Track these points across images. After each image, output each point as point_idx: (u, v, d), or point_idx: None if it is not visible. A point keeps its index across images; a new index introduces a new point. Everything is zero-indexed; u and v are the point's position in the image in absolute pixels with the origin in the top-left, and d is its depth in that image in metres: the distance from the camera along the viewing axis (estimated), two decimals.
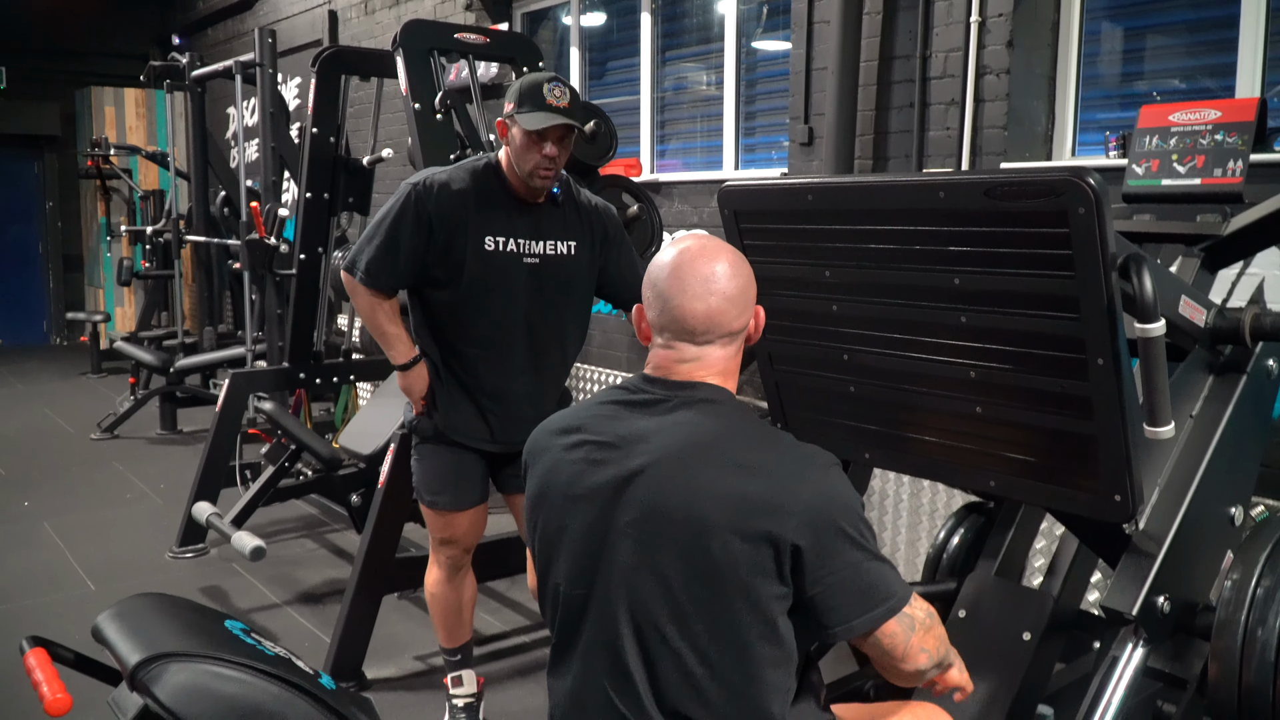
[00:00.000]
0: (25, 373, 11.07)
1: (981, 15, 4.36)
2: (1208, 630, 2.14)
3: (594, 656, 1.82)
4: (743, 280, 1.88)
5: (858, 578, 1.72)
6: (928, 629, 1.82)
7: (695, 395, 1.85)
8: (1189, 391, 2.27)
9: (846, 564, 1.71)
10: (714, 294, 1.84)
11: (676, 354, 1.88)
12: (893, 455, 2.47)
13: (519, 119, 3.01)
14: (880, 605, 1.74)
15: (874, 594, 1.73)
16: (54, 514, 5.95)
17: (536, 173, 3.06)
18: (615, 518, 1.79)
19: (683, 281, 1.85)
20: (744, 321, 1.89)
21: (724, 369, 1.89)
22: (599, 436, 1.86)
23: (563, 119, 3.00)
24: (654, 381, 1.89)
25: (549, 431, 1.98)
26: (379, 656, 4.00)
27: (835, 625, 1.73)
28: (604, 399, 1.94)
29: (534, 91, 3.01)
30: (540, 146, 3.03)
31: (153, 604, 1.63)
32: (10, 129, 12.62)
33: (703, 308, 1.84)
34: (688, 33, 6.49)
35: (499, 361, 3.20)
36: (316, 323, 5.56)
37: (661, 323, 1.88)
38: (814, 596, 1.71)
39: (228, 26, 11.56)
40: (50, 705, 1.43)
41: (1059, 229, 1.85)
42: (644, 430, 1.82)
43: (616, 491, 1.80)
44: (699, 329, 1.85)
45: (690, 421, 1.81)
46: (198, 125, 7.97)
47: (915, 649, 1.80)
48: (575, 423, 1.93)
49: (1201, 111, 2.78)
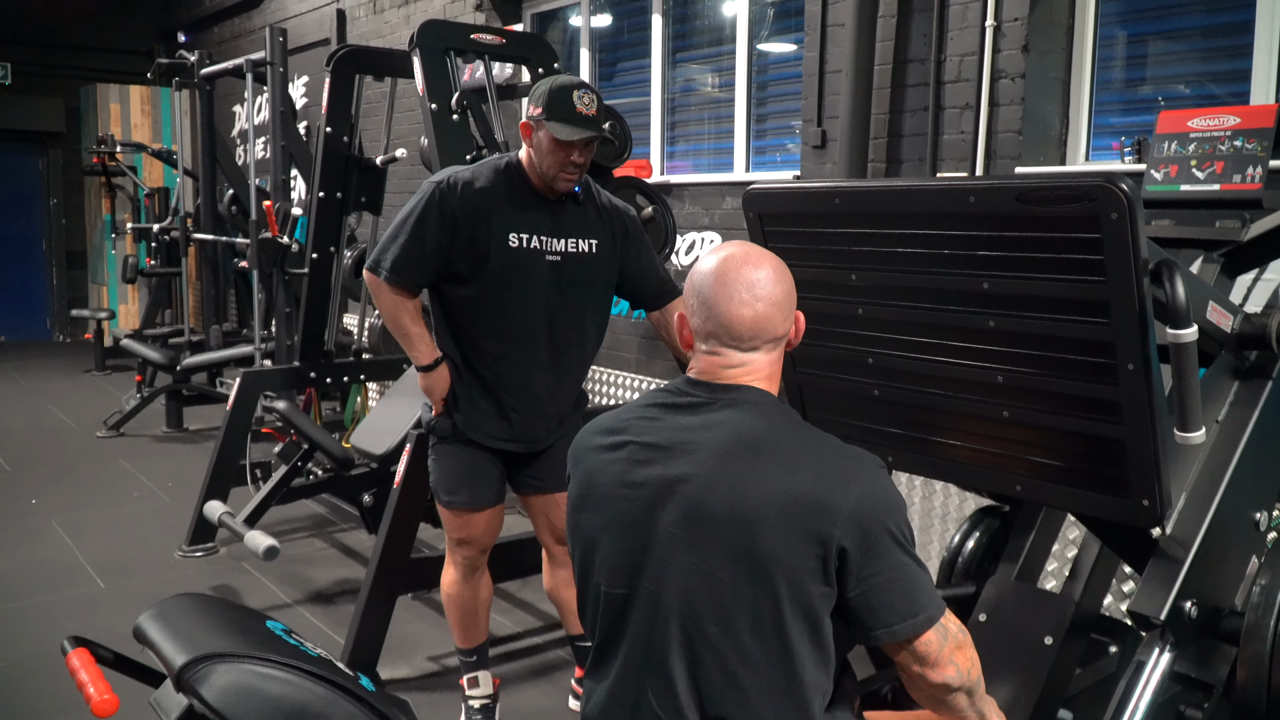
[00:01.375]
0: (29, 369, 11.07)
1: (997, 19, 4.36)
2: (1234, 635, 2.15)
3: (635, 657, 1.83)
4: (787, 286, 1.91)
5: (902, 580, 1.73)
6: (959, 645, 1.83)
7: (741, 397, 1.86)
8: (1215, 396, 2.28)
9: (892, 565, 1.72)
10: (760, 300, 1.86)
11: (722, 359, 1.89)
12: (916, 458, 2.47)
13: (549, 126, 3.02)
14: (924, 611, 1.75)
15: (917, 599, 1.75)
16: (61, 511, 5.96)
17: (561, 176, 3.08)
18: (660, 518, 1.80)
19: (728, 288, 1.86)
20: (788, 327, 1.92)
21: (769, 374, 1.91)
22: (643, 438, 1.88)
23: (594, 131, 3.03)
24: (698, 385, 1.90)
25: (591, 434, 1.99)
26: (393, 657, 4.01)
27: (878, 628, 1.74)
28: (647, 401, 1.95)
29: (563, 98, 3.02)
30: (568, 153, 3.05)
31: (194, 604, 1.63)
32: (14, 124, 12.62)
33: (750, 314, 1.85)
34: (698, 34, 6.49)
35: (521, 358, 3.21)
36: (327, 321, 5.56)
37: (707, 329, 1.89)
38: (858, 597, 1.72)
39: (234, 24, 11.56)
40: (98, 706, 1.43)
41: (1091, 234, 1.85)
42: (689, 431, 1.84)
43: (661, 492, 1.81)
44: (745, 334, 1.86)
45: (736, 422, 1.82)
46: (206, 123, 7.97)
47: (946, 659, 1.80)
48: (618, 425, 1.94)
49: (1220, 117, 2.78)
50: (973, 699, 1.89)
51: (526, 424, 3.25)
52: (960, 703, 1.87)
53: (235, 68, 6.89)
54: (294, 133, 6.50)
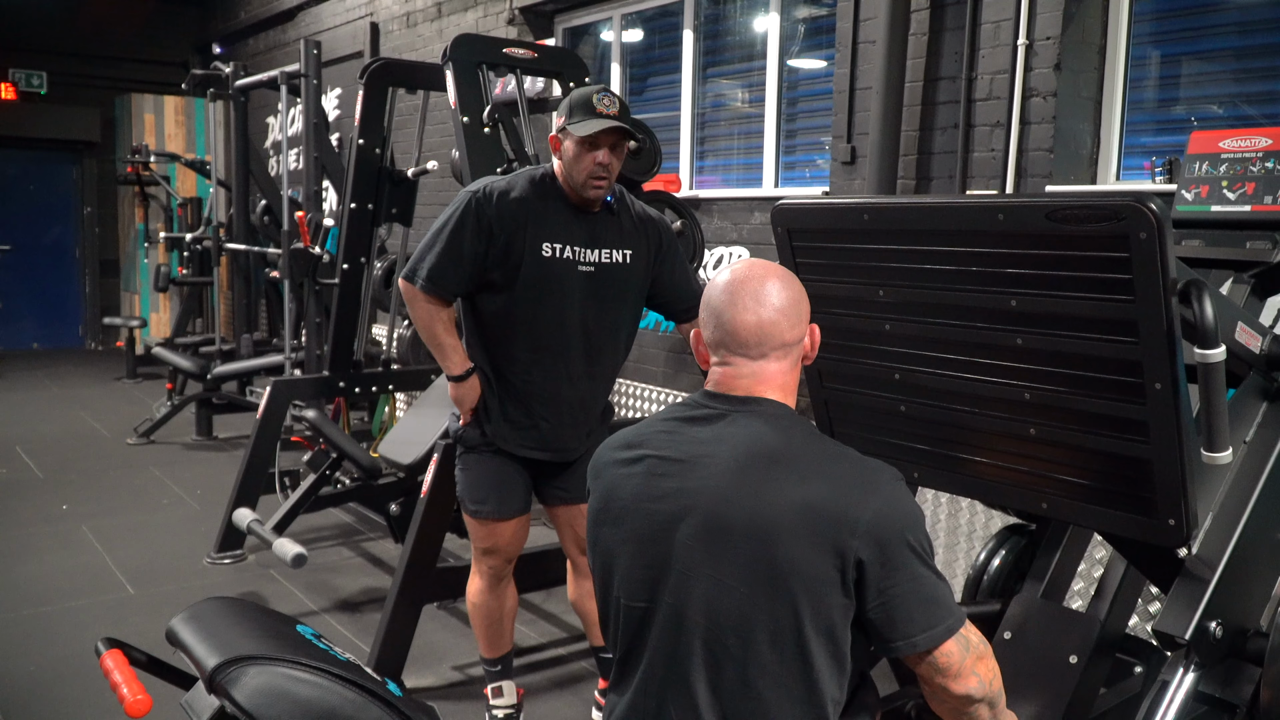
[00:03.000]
0: (61, 376, 11.18)
1: (1029, 38, 4.36)
2: (1259, 655, 2.14)
3: (655, 670, 1.84)
4: (793, 294, 1.93)
5: (921, 591, 1.75)
6: (980, 656, 1.83)
7: (757, 409, 1.88)
8: (1243, 417, 2.28)
9: (911, 577, 1.74)
10: (765, 306, 1.88)
11: (734, 370, 1.91)
12: (942, 475, 2.48)
13: (570, 129, 3.06)
14: (942, 623, 1.76)
15: (937, 610, 1.76)
16: (92, 517, 6.01)
17: (590, 182, 3.10)
18: (678, 531, 1.81)
19: (734, 297, 1.89)
20: (797, 335, 1.93)
21: (782, 384, 1.92)
22: (661, 452, 1.89)
23: (613, 123, 3.04)
24: (715, 397, 1.92)
25: (611, 449, 2.01)
26: (418, 665, 4.03)
27: (898, 640, 1.75)
28: (665, 416, 1.97)
29: (584, 102, 3.07)
30: (593, 154, 3.07)
31: (226, 607, 1.66)
32: (50, 133, 12.76)
33: (754, 319, 1.88)
34: (729, 50, 6.51)
35: (553, 367, 3.23)
36: (357, 332, 5.60)
37: (716, 339, 1.92)
38: (877, 609, 1.74)
39: (269, 37, 11.67)
40: (131, 707, 1.45)
41: (1120, 253, 1.86)
42: (706, 444, 1.85)
43: (679, 506, 1.82)
44: (751, 341, 1.88)
45: (753, 434, 1.83)
46: (240, 134, 8.05)
47: (968, 670, 1.81)
48: (637, 439, 1.96)
49: (1252, 139, 2.78)
50: (994, 711, 1.89)
51: (557, 433, 3.27)
52: (983, 715, 1.87)
53: (269, 80, 6.96)
54: (327, 144, 6.56)
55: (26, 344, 13.23)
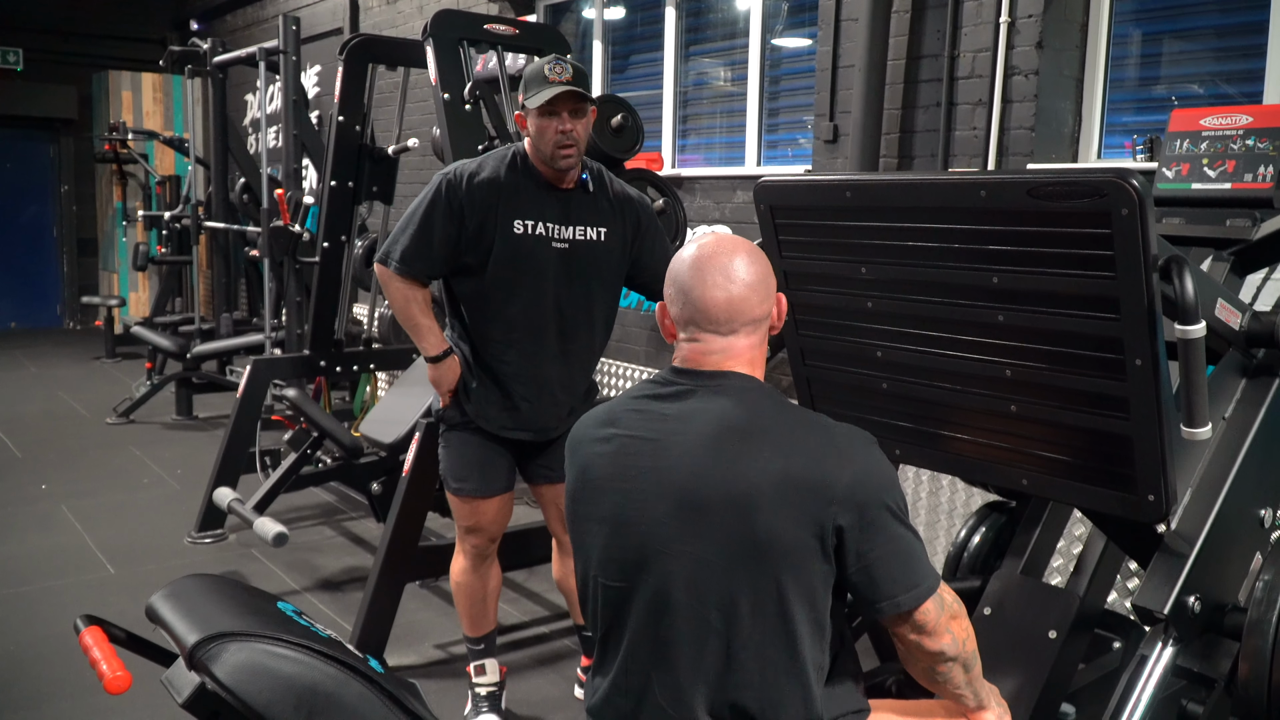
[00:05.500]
0: (39, 356, 11.11)
1: (1011, 16, 4.36)
2: (1237, 630, 2.15)
3: (637, 649, 1.85)
4: (761, 268, 1.92)
5: (901, 553, 1.77)
6: (954, 615, 1.85)
7: (725, 383, 1.87)
8: (1222, 393, 2.29)
9: (890, 538, 1.75)
10: (734, 282, 1.87)
11: (703, 346, 1.90)
12: (924, 452, 2.48)
13: (528, 103, 3.07)
14: (924, 582, 1.78)
15: (917, 570, 1.78)
16: (72, 497, 5.99)
17: (558, 152, 3.09)
18: (654, 509, 1.81)
19: (703, 273, 1.88)
20: (765, 309, 1.92)
21: (750, 358, 1.92)
22: (632, 431, 1.89)
23: (565, 87, 3.03)
24: (683, 373, 1.92)
25: (586, 425, 2.01)
26: (400, 644, 4.03)
27: (881, 600, 1.76)
28: (636, 394, 1.96)
29: (537, 74, 3.08)
30: (553, 122, 3.06)
31: (206, 585, 1.65)
32: (27, 111, 12.65)
33: (724, 296, 1.87)
34: (711, 28, 6.49)
35: (529, 347, 3.22)
36: (337, 311, 5.58)
37: (685, 316, 1.91)
38: (858, 572, 1.75)
39: (247, 13, 11.58)
40: (110, 683, 1.44)
41: (1101, 230, 1.86)
42: (676, 421, 1.85)
43: (653, 484, 1.82)
44: (722, 318, 1.88)
45: (722, 408, 1.83)
46: (219, 111, 7.98)
47: (943, 628, 1.83)
48: (609, 417, 1.96)
49: (1233, 116, 2.78)
50: (969, 675, 1.91)
51: (537, 412, 3.27)
52: (956, 677, 1.89)
53: (248, 56, 6.91)
54: (306, 122, 6.51)
55: (4, 324, 13.16)
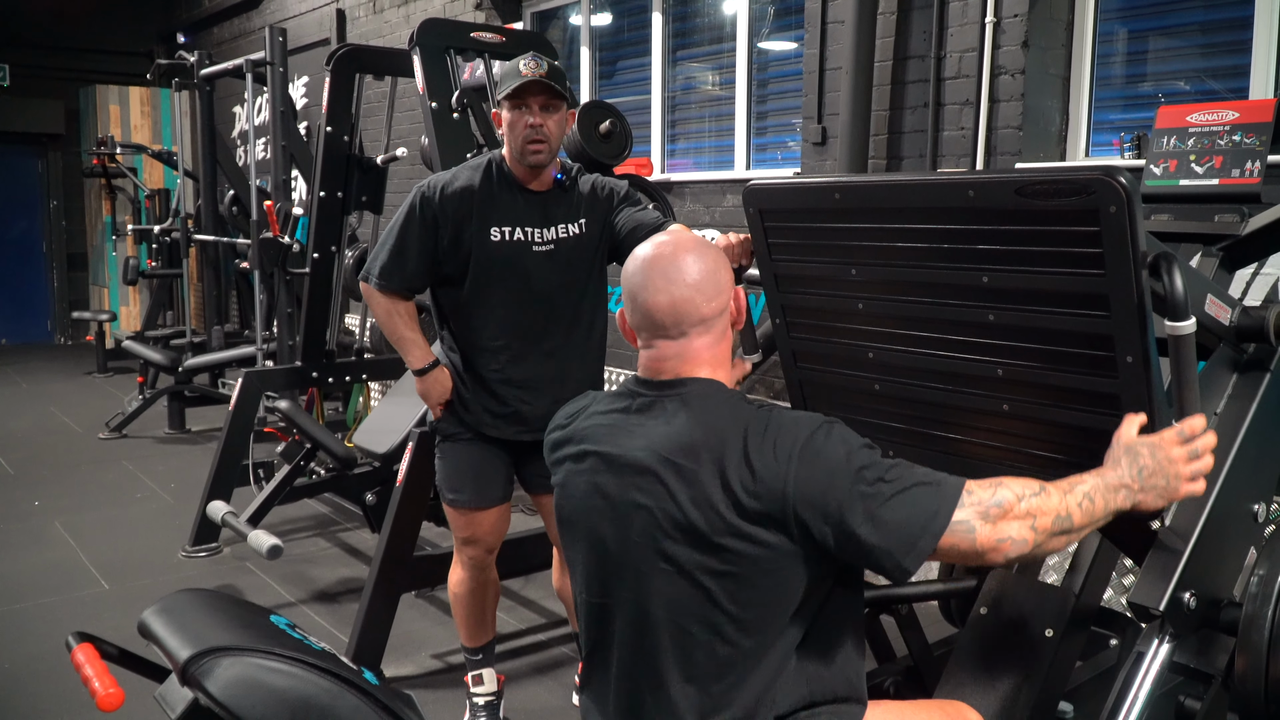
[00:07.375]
0: (30, 371, 11.08)
1: (997, 16, 4.37)
2: (1233, 625, 2.15)
3: (627, 666, 1.85)
4: (707, 265, 1.87)
5: (884, 524, 1.68)
6: (996, 519, 1.71)
7: (686, 392, 1.84)
8: (1213, 389, 2.28)
9: (869, 517, 1.68)
10: (675, 284, 1.84)
11: (658, 353, 1.88)
12: (916, 452, 2.47)
13: (499, 94, 3.08)
14: (921, 537, 1.68)
15: (909, 530, 1.69)
16: (65, 513, 5.97)
17: (528, 147, 3.07)
18: (627, 527, 1.80)
19: (647, 277, 1.86)
20: (716, 307, 1.87)
21: (710, 359, 1.88)
22: (601, 447, 1.87)
23: (535, 77, 3.02)
24: (645, 384, 1.89)
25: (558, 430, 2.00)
26: (397, 654, 4.02)
27: (892, 570, 1.70)
28: (604, 407, 1.94)
29: (512, 69, 3.07)
30: (524, 116, 3.04)
31: (198, 599, 1.64)
32: (14, 126, 12.62)
33: (666, 300, 1.84)
34: (698, 32, 6.50)
35: (521, 350, 3.21)
36: (329, 321, 5.57)
37: (635, 322, 1.90)
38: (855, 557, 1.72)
39: (233, 25, 11.57)
40: (103, 700, 1.43)
41: (1090, 227, 1.86)
42: (642, 436, 1.82)
43: (624, 502, 1.81)
44: (668, 322, 1.84)
45: (685, 422, 1.80)
46: (207, 124, 7.98)
47: (991, 544, 1.71)
48: (580, 433, 1.94)
49: (1219, 112, 2.78)
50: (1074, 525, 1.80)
51: (538, 413, 3.21)
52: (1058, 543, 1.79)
53: (235, 68, 6.90)
54: (294, 133, 6.50)
55: None
